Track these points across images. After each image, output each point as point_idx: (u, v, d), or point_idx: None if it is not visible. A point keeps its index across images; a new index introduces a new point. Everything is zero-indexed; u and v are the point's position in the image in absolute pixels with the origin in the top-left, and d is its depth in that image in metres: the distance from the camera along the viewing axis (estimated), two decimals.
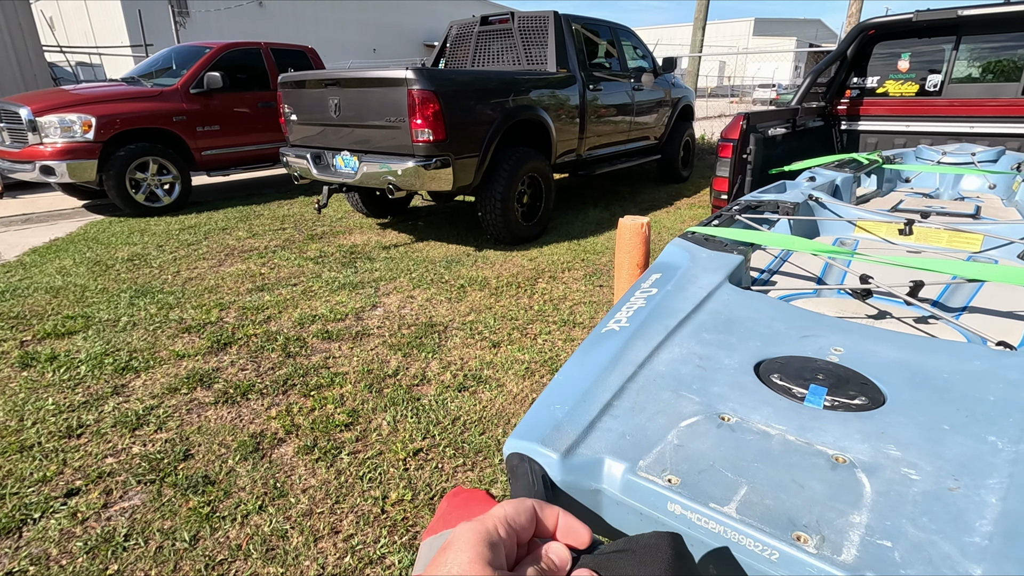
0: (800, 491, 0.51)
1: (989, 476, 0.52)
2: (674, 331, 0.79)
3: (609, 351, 0.74)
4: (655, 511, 0.51)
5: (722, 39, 42.69)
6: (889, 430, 0.59)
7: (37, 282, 3.62)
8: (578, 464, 0.55)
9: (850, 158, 2.34)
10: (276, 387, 2.39)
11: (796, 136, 3.24)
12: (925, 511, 0.48)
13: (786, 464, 0.54)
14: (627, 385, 0.67)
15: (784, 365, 0.72)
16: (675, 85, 6.73)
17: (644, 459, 0.55)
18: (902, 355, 0.74)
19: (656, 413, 0.62)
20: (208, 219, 5.31)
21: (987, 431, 0.58)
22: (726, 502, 0.49)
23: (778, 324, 0.82)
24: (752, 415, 0.62)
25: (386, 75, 3.67)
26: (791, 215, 1.48)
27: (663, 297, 0.89)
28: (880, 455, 0.55)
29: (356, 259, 4.10)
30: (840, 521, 0.47)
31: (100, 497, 1.76)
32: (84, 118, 4.99)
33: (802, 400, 0.65)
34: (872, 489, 0.51)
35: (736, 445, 0.57)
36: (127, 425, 2.12)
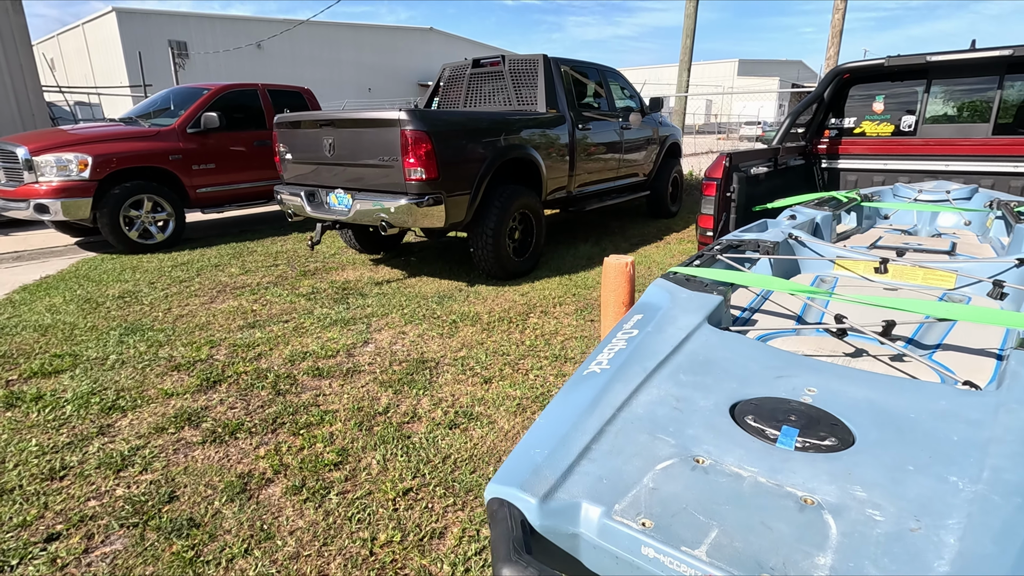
0: (768, 533, 0.52)
1: (949, 516, 0.53)
2: (653, 373, 0.81)
3: (589, 394, 0.75)
4: (630, 555, 0.52)
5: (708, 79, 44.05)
6: (856, 471, 0.61)
7: (26, 320, 3.60)
8: (556, 508, 0.56)
9: (829, 196, 2.41)
10: (265, 426, 2.37)
11: (778, 174, 3.34)
12: (886, 552, 0.49)
13: (756, 506, 0.56)
14: (605, 428, 0.68)
15: (758, 406, 0.74)
16: (662, 123, 6.92)
17: (620, 503, 0.56)
18: (872, 395, 0.76)
19: (632, 456, 0.64)
20: (201, 256, 5.33)
21: (948, 471, 0.60)
22: (697, 545, 0.50)
23: (754, 365, 0.84)
24: (725, 457, 0.64)
25: (380, 116, 3.76)
26: (771, 254, 1.52)
27: (643, 338, 0.91)
28: (847, 496, 0.57)
29: (348, 295, 4.12)
30: (805, 563, 0.48)
31: (81, 542, 1.72)
32: (80, 157, 5.05)
33: (775, 441, 0.67)
34: (837, 530, 0.52)
35: (709, 487, 0.58)
36: (111, 466, 2.08)
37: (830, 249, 1.64)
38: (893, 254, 1.62)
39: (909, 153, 3.52)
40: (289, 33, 25.72)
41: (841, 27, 9.06)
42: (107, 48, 23.58)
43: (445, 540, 1.74)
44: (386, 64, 30.68)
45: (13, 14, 7.58)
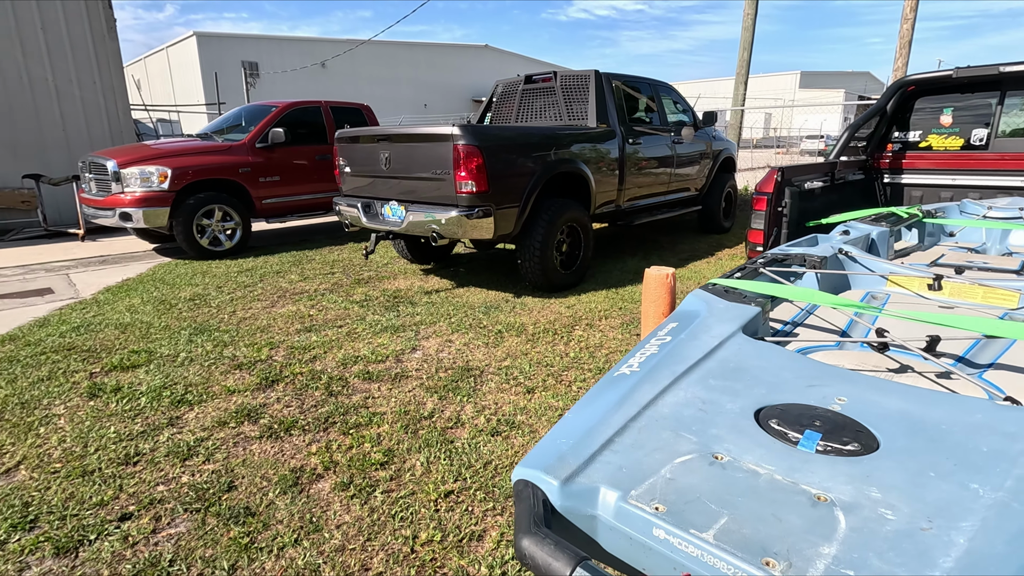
0: (777, 523, 0.53)
1: (963, 519, 0.53)
2: (682, 376, 0.83)
3: (617, 393, 0.78)
4: (642, 535, 0.54)
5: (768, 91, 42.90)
6: (875, 474, 0.61)
7: (108, 318, 3.91)
8: (576, 491, 0.59)
9: (888, 212, 2.32)
10: (318, 424, 2.49)
11: (836, 189, 3.23)
12: (893, 547, 0.50)
13: (769, 499, 0.57)
14: (630, 424, 0.71)
15: (784, 411, 0.74)
16: (716, 138, 6.81)
17: (636, 489, 0.59)
18: (904, 406, 0.75)
19: (654, 450, 0.66)
20: (264, 263, 5.63)
21: (972, 479, 0.59)
22: (706, 529, 0.52)
23: (786, 373, 0.84)
24: (745, 455, 0.65)
25: (434, 131, 3.90)
26: (818, 268, 1.50)
27: (676, 345, 0.93)
28: (861, 496, 0.57)
29: (399, 303, 4.25)
30: (810, 551, 0.50)
31: (150, 523, 1.86)
32: (161, 170, 5.47)
33: (796, 444, 0.67)
34: (847, 525, 0.53)
35: (724, 481, 0.60)
36: (178, 455, 2.24)
37: (883, 265, 1.58)
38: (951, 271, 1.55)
39: (980, 168, 3.33)
40: (351, 52, 26.90)
41: (910, 37, 8.66)
42: (187, 69, 25.36)
43: (484, 543, 1.78)
44: (442, 81, 31.53)
45: (109, 41, 8.31)
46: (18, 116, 7.68)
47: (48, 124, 7.91)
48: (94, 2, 8.11)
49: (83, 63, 8.09)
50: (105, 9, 8.24)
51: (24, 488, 2.04)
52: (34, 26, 7.65)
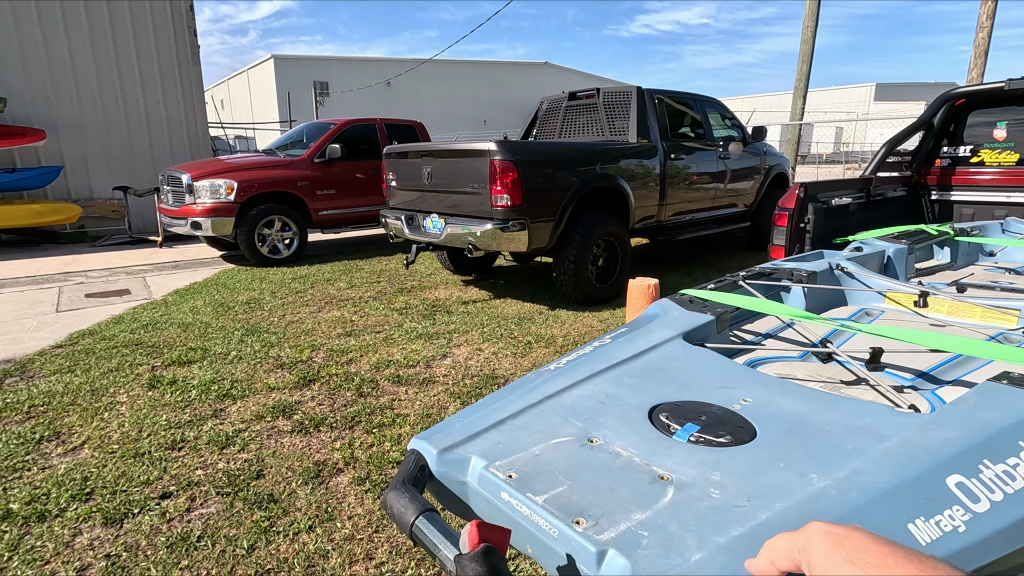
0: (608, 494, 0.58)
1: (779, 501, 0.56)
2: (599, 373, 0.88)
3: (530, 384, 0.85)
4: (494, 498, 0.61)
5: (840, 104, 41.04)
6: (728, 462, 0.64)
7: (173, 318, 4.28)
8: (451, 459, 0.67)
9: (917, 229, 2.23)
10: (345, 422, 2.64)
11: (874, 206, 3.10)
12: (697, 516, 0.54)
13: (614, 476, 0.62)
14: (528, 409, 0.77)
15: (677, 407, 0.78)
16: (768, 153, 6.65)
17: (501, 461, 0.65)
18: (801, 408, 0.77)
19: (536, 431, 0.72)
20: (317, 271, 5.97)
21: (813, 470, 0.62)
22: (541, 494, 0.58)
23: (705, 376, 0.88)
24: (617, 440, 0.70)
25: (472, 147, 4.05)
26: (805, 283, 1.48)
27: (610, 346, 0.98)
28: (701, 478, 0.61)
29: (436, 312, 4.41)
30: (621, 515, 0.55)
31: (186, 502, 2.05)
32: (228, 183, 5.93)
33: (672, 435, 0.71)
34: (670, 500, 0.57)
35: (584, 459, 0.66)
36: (218, 444, 2.44)
37: (878, 282, 1.54)
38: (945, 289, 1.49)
39: None
40: (415, 71, 27.94)
41: (986, 46, 8.13)
42: (264, 89, 27.14)
43: None
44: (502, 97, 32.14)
45: (192, 66, 9.10)
46: (113, 133, 8.52)
47: (137, 140, 8.72)
48: (182, 31, 8.91)
49: (170, 85, 8.89)
50: (191, 37, 9.04)
51: (85, 465, 2.29)
52: (130, 54, 8.50)
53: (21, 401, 2.85)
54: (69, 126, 8.17)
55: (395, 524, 0.57)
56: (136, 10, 8.48)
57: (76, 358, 3.45)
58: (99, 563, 1.75)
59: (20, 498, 2.05)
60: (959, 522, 0.56)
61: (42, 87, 7.92)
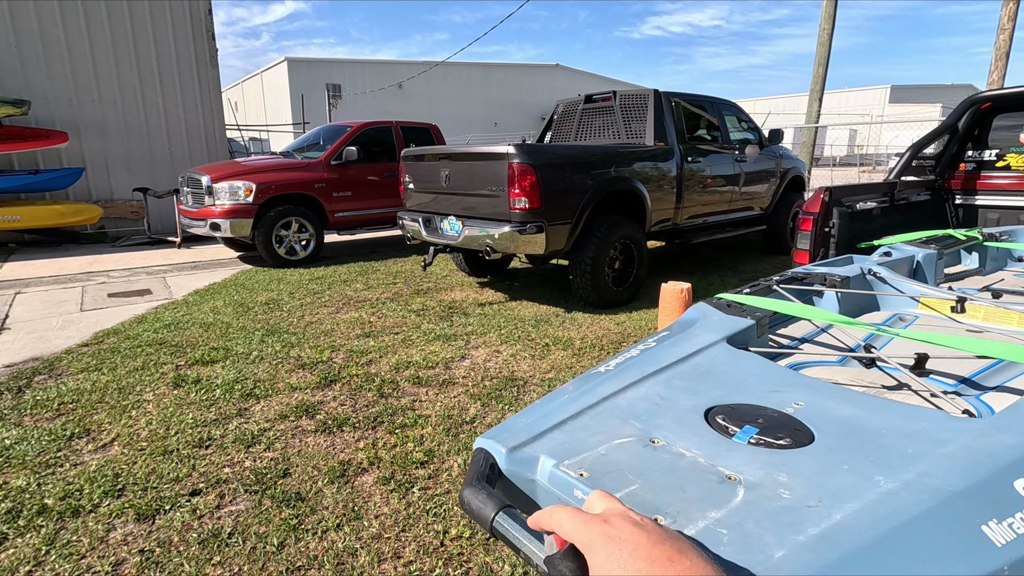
0: (680, 493, 0.60)
1: (850, 501, 0.57)
2: (650, 376, 0.89)
3: (585, 386, 0.86)
4: (566, 495, 0.63)
5: (855, 107, 40.69)
6: (792, 464, 0.65)
7: (194, 318, 4.34)
8: (520, 458, 0.69)
9: (945, 234, 2.22)
10: (367, 423, 2.67)
11: (898, 210, 3.09)
12: (772, 516, 0.55)
13: (682, 475, 0.63)
14: (586, 411, 0.79)
15: (733, 409, 0.79)
16: (784, 156, 6.62)
17: (570, 459, 0.67)
18: (855, 412, 0.78)
19: (598, 432, 0.74)
20: (333, 272, 6.02)
21: (879, 473, 0.62)
22: (615, 492, 0.60)
23: (753, 380, 0.89)
24: (679, 442, 0.71)
25: (490, 150, 4.08)
26: (839, 288, 1.48)
27: (657, 349, 0.99)
28: (768, 479, 0.62)
29: (453, 313, 4.43)
30: (697, 514, 0.56)
31: (215, 499, 2.08)
32: (247, 184, 6.00)
33: (731, 436, 0.73)
34: (741, 499, 0.58)
35: (650, 459, 0.67)
36: (243, 442, 2.48)
37: (912, 287, 1.54)
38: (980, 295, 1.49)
39: None
40: (427, 73, 28.09)
41: (1007, 48, 8.03)
42: (278, 92, 27.41)
43: None
44: (513, 100, 32.21)
45: (211, 69, 9.22)
46: (133, 136, 8.65)
47: (157, 143, 8.85)
48: (201, 34, 9.04)
49: (188, 88, 9.01)
50: (209, 40, 9.16)
51: (116, 461, 2.33)
52: (150, 57, 8.63)
53: (51, 398, 2.91)
54: (91, 128, 8.31)
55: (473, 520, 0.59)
56: (156, 14, 8.61)
57: (102, 357, 3.51)
58: (133, 558, 1.78)
59: (54, 493, 2.10)
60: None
61: (65, 90, 8.07)
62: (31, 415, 2.75)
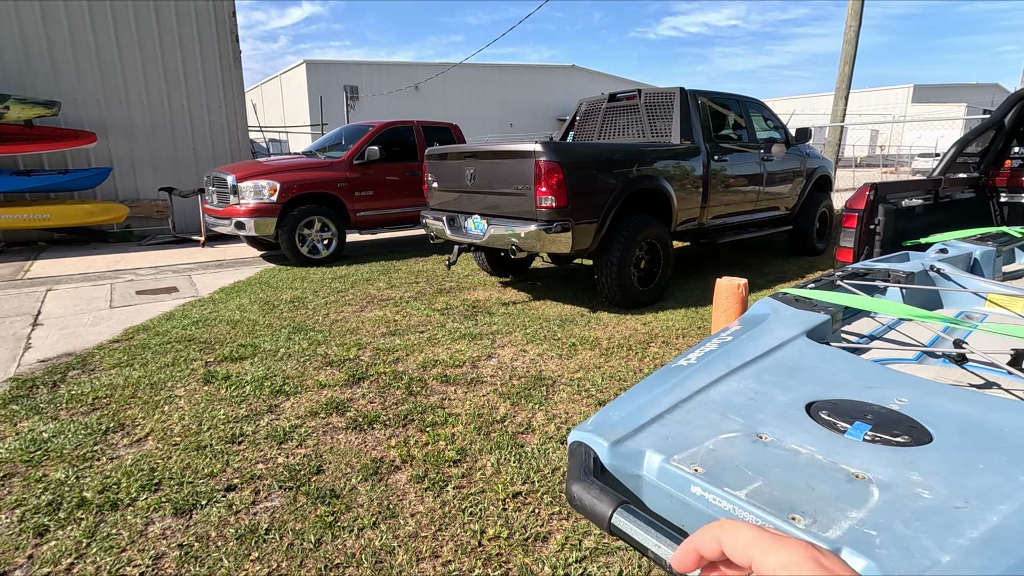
0: (809, 491, 0.56)
1: (1001, 503, 0.53)
2: (737, 370, 0.86)
3: (672, 379, 0.83)
4: (681, 492, 0.59)
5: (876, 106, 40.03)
6: (920, 463, 0.61)
7: (221, 315, 4.37)
8: (624, 452, 0.65)
9: (999, 231, 2.14)
10: (397, 420, 2.65)
11: (941, 208, 3.00)
12: (921, 518, 0.51)
13: (805, 472, 0.59)
14: (680, 404, 0.76)
15: (836, 405, 0.75)
16: (810, 155, 6.50)
17: (679, 454, 0.64)
18: (966, 409, 0.73)
19: (699, 426, 0.70)
20: (356, 271, 6.03)
21: (1019, 471, 0.58)
22: (739, 489, 0.56)
23: (845, 376, 0.84)
24: (788, 437, 0.67)
25: (517, 148, 4.05)
26: (903, 284, 1.43)
27: (735, 344, 0.95)
28: (901, 478, 0.58)
29: (477, 313, 4.41)
30: (836, 514, 0.52)
31: (251, 495, 2.08)
32: (272, 184, 6.04)
33: (843, 433, 0.69)
34: (879, 499, 0.54)
35: (764, 455, 0.63)
36: (276, 439, 2.48)
37: (980, 284, 1.48)
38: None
39: None
40: (443, 75, 28.16)
41: None
42: (296, 93, 27.67)
43: (548, 544, 1.83)
44: (528, 101, 32.16)
45: (234, 71, 9.33)
46: (159, 136, 8.77)
47: (182, 143, 8.97)
48: (225, 37, 9.14)
49: (213, 90, 9.12)
50: (233, 43, 9.27)
51: (150, 456, 2.34)
52: (176, 59, 8.75)
53: (85, 393, 2.94)
54: (118, 129, 8.45)
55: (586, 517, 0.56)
56: (182, 17, 8.73)
57: (133, 352, 3.55)
58: (173, 552, 1.78)
59: (93, 487, 2.11)
60: None
61: (94, 92, 8.21)
62: (67, 409, 2.78)
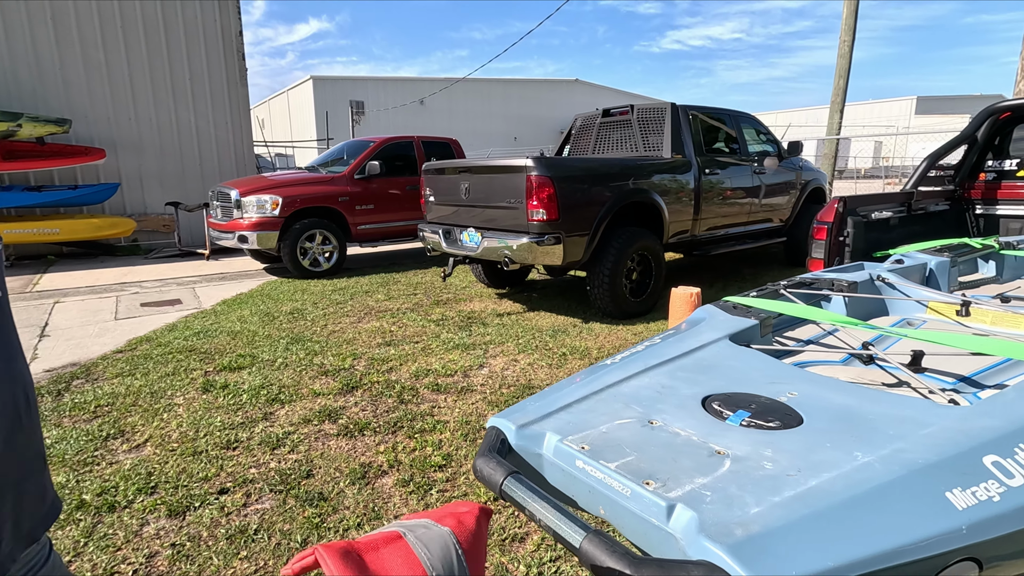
0: (672, 463, 0.65)
1: (827, 471, 0.61)
2: (654, 367, 0.94)
3: (591, 376, 0.92)
4: (569, 466, 0.69)
5: (879, 118, 40.15)
6: (779, 442, 0.69)
7: (223, 326, 4.48)
8: (528, 435, 0.75)
9: (960, 243, 2.22)
10: (388, 427, 2.74)
11: (917, 220, 3.08)
12: (754, 482, 0.60)
13: (675, 450, 0.68)
14: (592, 396, 0.85)
15: (729, 397, 0.84)
16: (804, 168, 6.60)
17: (574, 436, 0.73)
18: (847, 401, 0.81)
19: (602, 414, 0.79)
20: (355, 283, 6.15)
21: (859, 449, 0.66)
22: (613, 461, 0.65)
23: (754, 373, 0.93)
24: (676, 423, 0.76)
25: (509, 163, 4.17)
26: (846, 292, 1.51)
27: (661, 345, 1.04)
28: (755, 453, 0.66)
29: (472, 323, 4.50)
30: (685, 479, 0.61)
31: (242, 498, 2.16)
32: (274, 198, 6.19)
33: (725, 419, 0.77)
34: (728, 469, 0.63)
35: (647, 436, 0.72)
36: (269, 444, 2.56)
37: (919, 292, 1.56)
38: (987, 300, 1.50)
39: None
40: (447, 89, 28.55)
41: None
42: (303, 109, 28.12)
43: (525, 545, 1.90)
44: (532, 114, 32.49)
45: (240, 87, 9.56)
46: (167, 152, 8.99)
47: (188, 159, 9.18)
48: (232, 55, 9.39)
49: (219, 107, 9.35)
50: (239, 61, 9.51)
51: (148, 461, 2.44)
52: (184, 76, 8.99)
53: (88, 401, 3.05)
54: (127, 145, 8.66)
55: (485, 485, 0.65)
56: (191, 37, 8.98)
57: (135, 362, 3.66)
58: (165, 551, 1.87)
59: (92, 490, 2.20)
60: (994, 493, 0.60)
61: (104, 109, 8.43)
62: (70, 416, 2.88)
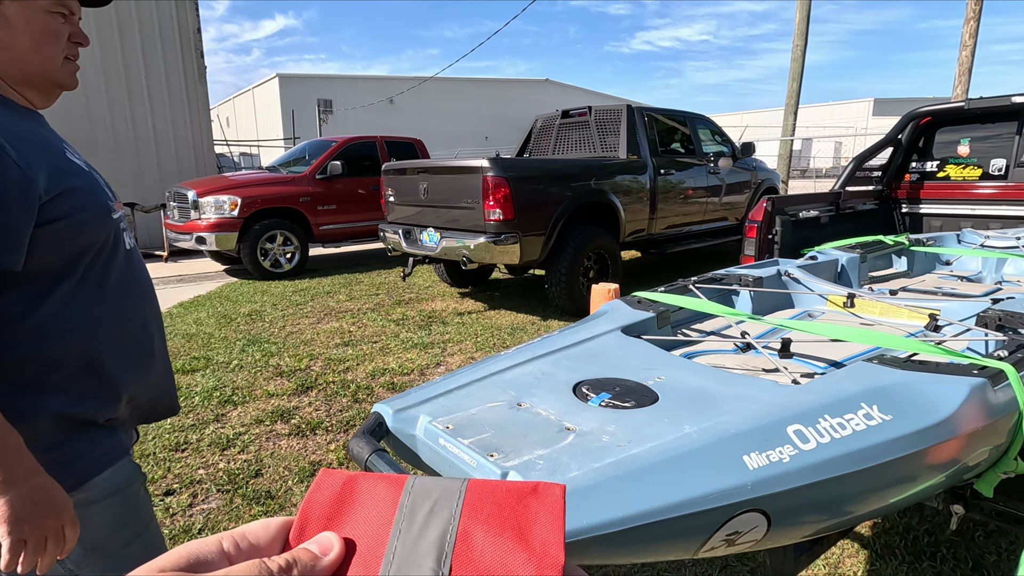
0: (522, 439, 0.72)
1: (651, 442, 0.70)
2: (541, 356, 1.02)
3: (480, 365, 0.99)
4: (434, 444, 0.76)
5: (838, 120, 41.44)
6: (626, 419, 0.78)
7: (178, 329, 4.43)
8: (404, 418, 0.82)
9: (875, 240, 2.38)
10: (340, 426, 2.77)
11: (848, 219, 3.25)
12: (585, 452, 0.68)
13: (530, 428, 0.76)
14: (474, 383, 0.92)
15: (599, 382, 0.92)
16: (758, 168, 6.82)
17: (443, 417, 0.80)
18: (704, 384, 0.91)
19: (477, 399, 0.87)
20: (317, 284, 6.12)
21: (689, 423, 0.75)
22: (468, 438, 0.73)
23: (634, 360, 1.01)
24: (541, 405, 0.84)
25: (465, 164, 4.23)
26: (752, 287, 1.62)
27: (555, 336, 1.13)
28: (600, 429, 0.75)
29: (432, 323, 4.55)
30: (526, 451, 0.68)
31: (188, 499, 2.17)
32: (232, 199, 6.11)
33: (587, 401, 0.86)
34: (568, 442, 0.71)
35: (510, 417, 0.80)
36: (219, 445, 2.57)
37: (820, 286, 1.69)
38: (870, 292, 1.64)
39: (1000, 198, 3.25)
40: (418, 89, 28.41)
41: (969, 64, 8.33)
42: (269, 107, 27.63)
43: None
44: (503, 114, 32.57)
45: (199, 86, 9.38)
46: (122, 151, 8.76)
47: (145, 158, 8.96)
48: (190, 53, 9.20)
49: (177, 105, 9.15)
50: (198, 59, 9.32)
51: None
52: (139, 74, 8.77)
53: None
54: (80, 144, 8.40)
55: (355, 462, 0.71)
56: (146, 33, 8.77)
57: None
58: None
59: None
60: (785, 456, 0.69)
61: (57, 108, 8.15)
62: None
